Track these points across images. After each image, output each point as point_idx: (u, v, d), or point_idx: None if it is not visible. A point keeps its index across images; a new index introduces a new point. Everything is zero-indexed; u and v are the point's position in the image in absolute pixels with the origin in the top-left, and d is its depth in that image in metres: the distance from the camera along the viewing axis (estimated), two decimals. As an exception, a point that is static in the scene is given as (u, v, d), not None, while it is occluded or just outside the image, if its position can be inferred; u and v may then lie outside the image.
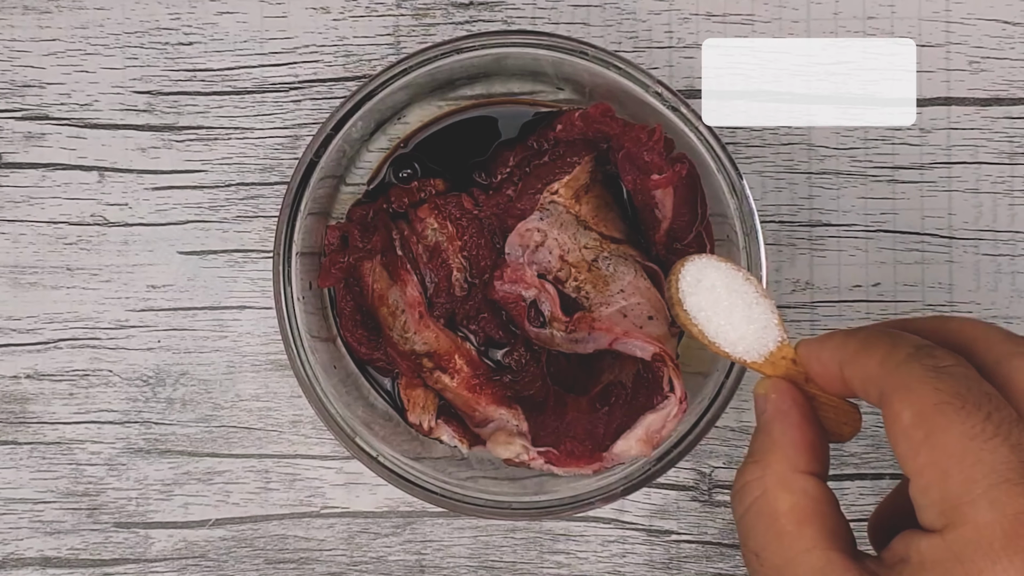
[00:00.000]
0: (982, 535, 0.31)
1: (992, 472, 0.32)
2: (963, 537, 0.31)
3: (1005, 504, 0.31)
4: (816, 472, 0.37)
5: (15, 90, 0.54)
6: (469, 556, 0.55)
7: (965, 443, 0.32)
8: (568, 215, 0.50)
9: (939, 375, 0.34)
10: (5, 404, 0.54)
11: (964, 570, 0.31)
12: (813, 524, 0.35)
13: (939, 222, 0.54)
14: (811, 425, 0.38)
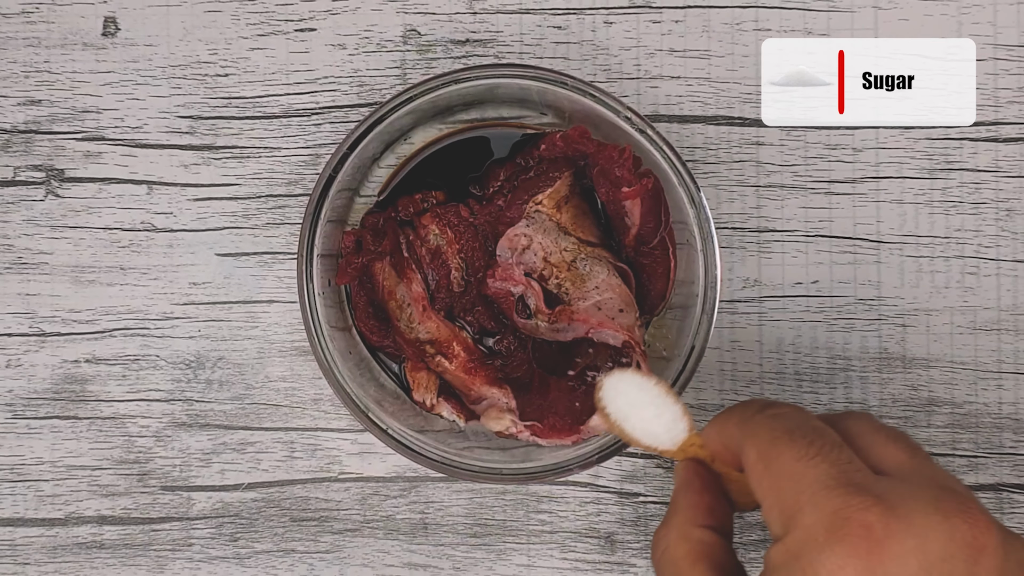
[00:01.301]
0: (810, 533, 0.32)
1: (814, 483, 0.33)
2: (796, 538, 0.32)
3: (824, 505, 0.32)
4: (711, 526, 0.38)
5: (76, 115, 0.54)
6: (465, 515, 0.54)
7: (793, 465, 0.34)
8: (551, 222, 0.50)
9: (775, 419, 0.36)
10: (67, 385, 0.54)
11: (800, 565, 0.32)
12: (704, 562, 0.36)
13: (869, 228, 0.54)
14: (709, 491, 0.39)
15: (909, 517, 0.31)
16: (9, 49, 0.53)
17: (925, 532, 0.31)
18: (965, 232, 0.53)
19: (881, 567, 0.31)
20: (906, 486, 0.34)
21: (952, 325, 0.53)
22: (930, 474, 0.35)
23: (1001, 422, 0.53)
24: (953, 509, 0.32)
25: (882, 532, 0.31)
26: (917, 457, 0.36)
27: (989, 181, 0.53)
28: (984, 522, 0.32)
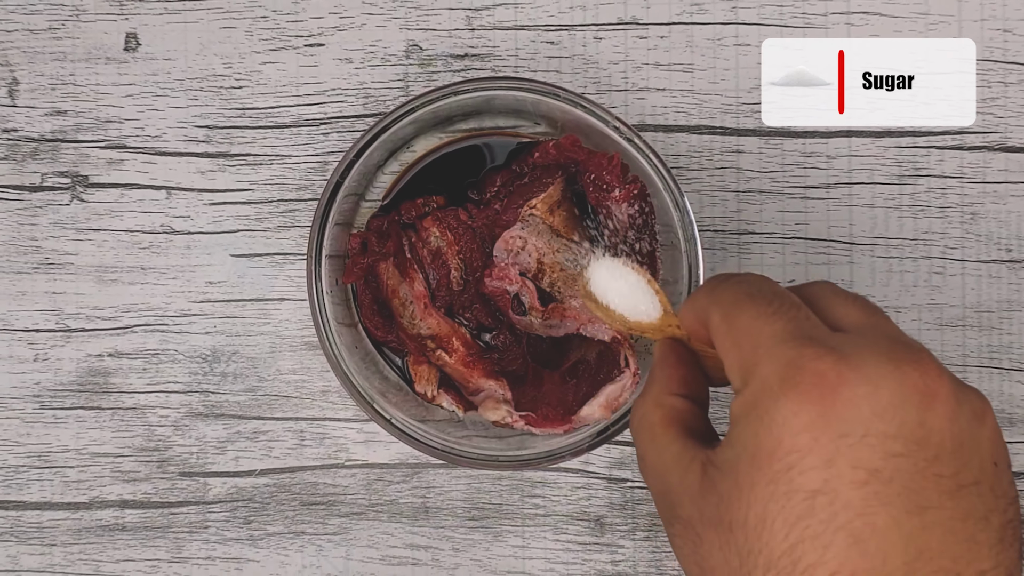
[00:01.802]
0: (765, 383, 0.31)
1: (771, 337, 0.32)
2: (753, 389, 0.32)
3: (779, 357, 0.31)
4: (684, 394, 0.37)
5: (99, 124, 0.53)
6: (464, 499, 0.54)
7: (752, 322, 0.33)
8: (544, 225, 0.49)
9: (739, 283, 0.35)
10: (92, 377, 0.54)
11: (757, 413, 0.31)
12: (675, 425, 0.36)
13: (842, 231, 0.53)
14: (684, 364, 0.38)
15: (861, 366, 0.30)
16: (37, 63, 0.53)
17: (877, 379, 0.30)
18: (932, 234, 0.53)
19: (833, 412, 0.30)
20: (860, 339, 0.32)
21: (920, 321, 0.53)
22: (886, 329, 0.34)
23: None
24: (905, 358, 0.31)
25: (835, 379, 0.30)
26: (875, 316, 0.35)
27: (954, 187, 0.53)
28: (935, 371, 0.31)
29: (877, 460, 0.30)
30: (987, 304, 0.53)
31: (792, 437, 0.30)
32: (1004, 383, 0.53)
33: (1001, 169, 0.53)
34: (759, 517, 0.30)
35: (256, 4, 0.53)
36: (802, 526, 0.30)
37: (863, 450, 0.30)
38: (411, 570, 0.54)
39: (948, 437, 0.30)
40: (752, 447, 0.31)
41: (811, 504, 0.30)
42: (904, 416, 0.30)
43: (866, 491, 0.29)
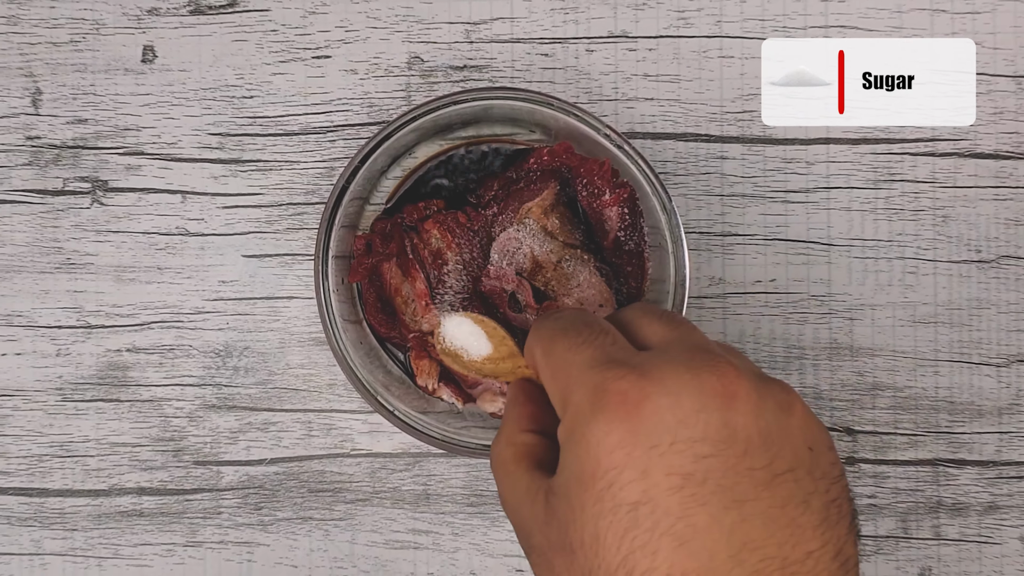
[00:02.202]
0: (578, 409, 0.31)
1: (580, 366, 0.32)
2: (570, 416, 0.32)
3: (587, 383, 0.31)
4: (534, 430, 0.37)
5: (118, 132, 0.53)
6: (463, 487, 0.54)
7: (564, 353, 0.33)
8: (538, 227, 0.49)
9: (555, 320, 0.35)
10: (111, 371, 0.53)
11: (575, 438, 0.31)
12: (526, 460, 0.35)
13: (820, 233, 0.53)
14: (532, 402, 0.38)
15: (662, 379, 0.31)
16: (59, 74, 0.53)
17: (677, 389, 0.30)
18: (906, 236, 0.53)
19: (641, 426, 0.30)
20: (661, 354, 0.32)
21: (894, 318, 0.53)
22: (689, 341, 0.34)
23: (937, 404, 0.53)
24: (702, 365, 0.31)
25: (637, 395, 0.30)
26: (679, 329, 0.35)
27: (927, 191, 0.53)
28: (733, 372, 0.31)
29: (688, 464, 0.30)
30: (958, 302, 0.53)
31: (608, 455, 0.30)
32: (973, 376, 0.53)
33: (971, 175, 0.53)
34: (592, 536, 0.30)
35: (266, 18, 0.53)
36: (630, 537, 0.30)
37: (674, 457, 0.30)
38: (413, 553, 0.54)
39: (754, 432, 0.30)
40: (576, 470, 0.31)
41: (635, 515, 0.30)
42: (707, 419, 0.30)
43: (683, 495, 0.29)
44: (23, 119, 0.53)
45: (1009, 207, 0.53)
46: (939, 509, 0.53)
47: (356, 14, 0.53)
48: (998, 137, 0.53)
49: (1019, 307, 0.53)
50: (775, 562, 0.29)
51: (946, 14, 0.53)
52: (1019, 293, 0.53)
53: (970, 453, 0.54)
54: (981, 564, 0.54)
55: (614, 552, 0.30)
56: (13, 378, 0.54)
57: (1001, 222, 0.53)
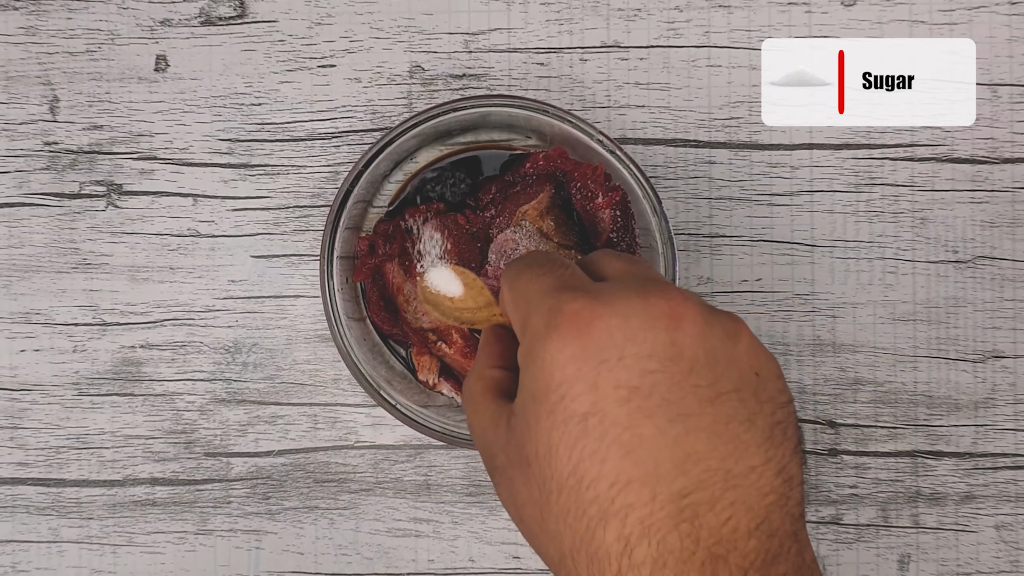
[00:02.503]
0: (535, 330, 0.32)
1: (538, 292, 0.33)
2: (528, 338, 0.32)
3: (543, 306, 0.32)
4: (502, 366, 0.37)
5: (132, 138, 0.53)
6: (462, 477, 0.54)
7: (526, 283, 0.34)
8: (534, 229, 0.49)
9: (521, 259, 0.36)
10: (125, 367, 0.53)
11: (531, 357, 0.31)
12: (492, 391, 0.35)
13: (804, 234, 0.53)
14: (501, 342, 0.38)
15: (613, 302, 0.31)
16: (76, 82, 0.53)
17: (626, 310, 0.31)
18: (886, 237, 0.53)
19: (591, 342, 0.30)
20: (614, 282, 0.33)
21: (875, 316, 0.53)
22: (642, 273, 0.34)
23: (916, 398, 0.53)
24: (652, 291, 0.32)
25: (589, 315, 0.31)
26: (635, 265, 0.35)
27: (906, 194, 0.53)
28: (680, 297, 0.32)
29: (635, 378, 0.30)
30: (935, 300, 0.53)
31: (560, 370, 0.30)
32: (951, 372, 0.53)
33: (948, 179, 0.53)
34: (546, 447, 0.31)
35: (274, 29, 0.53)
36: (580, 447, 0.30)
37: (622, 371, 0.30)
38: (414, 541, 0.54)
39: (701, 352, 0.31)
40: (531, 388, 0.31)
41: (584, 426, 0.30)
42: (655, 337, 0.31)
43: (630, 407, 0.30)
44: (41, 125, 0.53)
45: (985, 210, 0.53)
46: (918, 499, 0.53)
47: (360, 25, 0.53)
48: (974, 143, 0.53)
49: (994, 305, 0.53)
50: (718, 474, 0.30)
51: (924, 25, 0.53)
52: (994, 292, 0.53)
53: (947, 445, 0.54)
54: (958, 551, 0.54)
55: (565, 461, 0.30)
56: (32, 373, 0.54)
57: (977, 224, 0.53)
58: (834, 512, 0.53)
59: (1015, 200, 0.53)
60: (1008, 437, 0.54)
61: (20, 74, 0.53)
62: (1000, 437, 0.54)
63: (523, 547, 0.54)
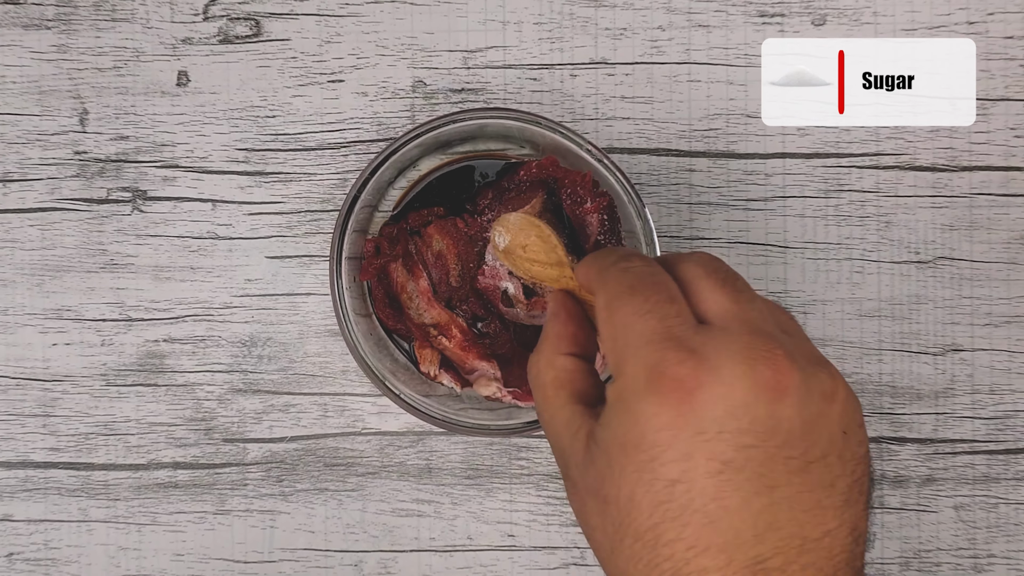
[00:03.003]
0: (632, 381, 0.30)
1: (640, 336, 0.30)
2: (622, 384, 0.30)
3: (645, 359, 0.30)
4: (575, 353, 0.35)
5: (156, 148, 0.53)
6: (461, 461, 0.53)
7: (628, 317, 0.31)
8: None
9: (625, 272, 0.33)
10: (149, 359, 0.53)
11: (625, 406, 0.30)
12: (566, 388, 0.34)
13: (777, 237, 0.53)
14: (574, 321, 0.36)
15: (718, 368, 0.29)
16: (104, 96, 0.53)
17: (732, 380, 0.29)
18: (853, 240, 0.53)
19: (691, 413, 0.29)
20: (721, 336, 0.30)
21: (843, 313, 0.53)
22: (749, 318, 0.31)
23: (881, 388, 0.53)
24: (759, 356, 0.29)
25: (693, 383, 0.29)
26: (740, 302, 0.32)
27: (871, 200, 0.53)
28: (786, 365, 0.29)
29: (730, 452, 0.29)
30: (899, 298, 0.53)
31: (654, 433, 0.29)
32: (913, 364, 0.53)
33: (911, 185, 0.53)
34: (628, 497, 0.29)
35: (287, 47, 0.53)
36: (663, 509, 0.29)
37: (718, 444, 0.29)
38: (417, 520, 0.54)
39: (797, 423, 0.29)
40: (621, 436, 0.30)
41: (671, 490, 0.29)
42: (756, 412, 0.29)
43: (720, 479, 0.29)
44: (72, 136, 0.53)
45: (944, 214, 0.53)
46: (882, 481, 0.53)
47: (367, 43, 0.53)
48: (935, 152, 0.53)
49: (953, 303, 0.53)
50: (795, 540, 0.29)
51: (889, 42, 0.52)
52: (953, 290, 0.53)
53: (910, 432, 0.54)
54: (920, 530, 0.54)
55: (646, 517, 0.29)
56: (63, 365, 0.53)
57: (938, 227, 0.53)
58: (805, 494, 0.53)
59: (972, 205, 0.53)
60: (966, 424, 0.54)
61: (52, 88, 0.53)
62: (959, 424, 0.54)
63: (517, 526, 0.54)
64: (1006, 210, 0.53)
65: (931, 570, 0.54)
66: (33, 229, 0.53)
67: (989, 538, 0.54)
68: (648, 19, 0.53)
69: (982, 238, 0.53)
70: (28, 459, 0.54)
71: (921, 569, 0.54)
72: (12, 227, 0.53)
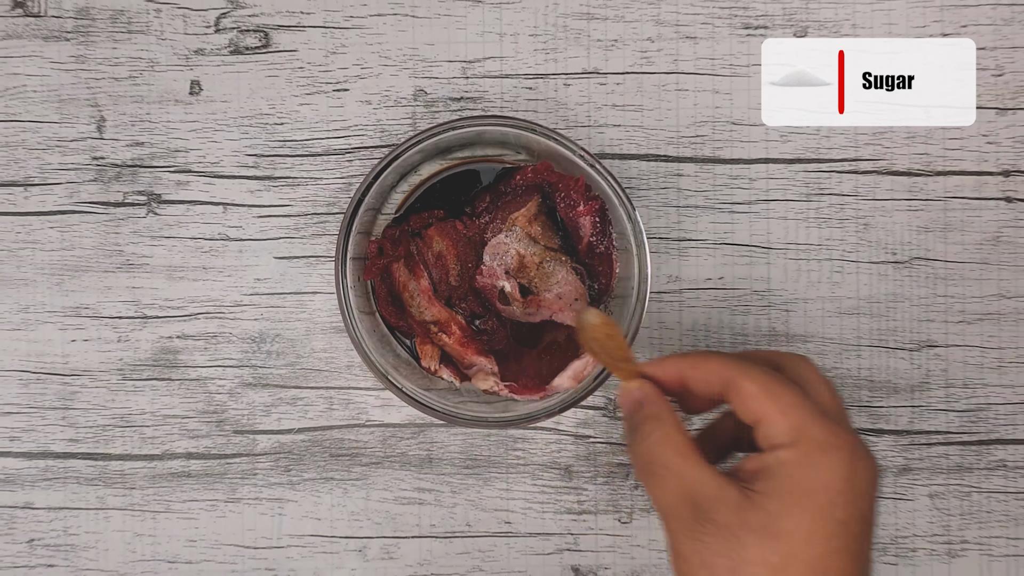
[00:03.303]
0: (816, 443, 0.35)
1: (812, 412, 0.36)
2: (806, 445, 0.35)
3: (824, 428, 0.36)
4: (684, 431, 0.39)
5: (170, 153, 0.53)
6: (460, 452, 0.53)
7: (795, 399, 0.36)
8: (524, 234, 0.49)
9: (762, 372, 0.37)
10: (164, 355, 0.53)
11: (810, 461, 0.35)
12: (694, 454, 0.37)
13: (761, 238, 0.53)
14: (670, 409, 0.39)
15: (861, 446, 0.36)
16: (120, 104, 0.53)
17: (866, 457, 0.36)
18: (833, 241, 0.53)
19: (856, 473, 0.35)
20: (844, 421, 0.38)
21: (823, 310, 0.53)
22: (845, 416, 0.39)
23: (860, 383, 0.53)
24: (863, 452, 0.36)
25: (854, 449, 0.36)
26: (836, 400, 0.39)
27: (851, 203, 0.53)
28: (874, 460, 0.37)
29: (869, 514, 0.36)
30: (877, 297, 0.53)
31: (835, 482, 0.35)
32: (890, 359, 0.53)
33: (888, 189, 0.53)
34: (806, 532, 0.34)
35: (295, 58, 0.53)
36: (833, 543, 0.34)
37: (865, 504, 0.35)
38: (418, 508, 0.54)
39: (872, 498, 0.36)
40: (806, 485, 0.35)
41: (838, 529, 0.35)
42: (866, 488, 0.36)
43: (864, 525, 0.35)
44: (90, 142, 0.53)
45: (920, 216, 0.53)
46: None
47: (370, 54, 0.53)
48: (911, 157, 0.53)
49: (928, 301, 0.53)
50: None
51: (867, 54, 0.52)
52: (928, 289, 0.53)
53: (887, 423, 0.54)
54: (897, 517, 0.54)
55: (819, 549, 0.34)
56: (82, 360, 0.54)
57: (913, 229, 0.53)
58: (787, 483, 0.53)
59: (947, 208, 0.53)
60: (940, 417, 0.54)
61: (71, 97, 0.53)
62: (933, 417, 0.54)
63: (514, 513, 0.54)
64: (978, 213, 0.53)
65: (907, 555, 0.54)
66: (53, 231, 0.53)
67: (963, 525, 0.54)
68: (638, 31, 0.53)
69: (956, 239, 0.53)
70: (48, 450, 0.54)
71: (898, 555, 0.54)
72: (33, 229, 0.53)
